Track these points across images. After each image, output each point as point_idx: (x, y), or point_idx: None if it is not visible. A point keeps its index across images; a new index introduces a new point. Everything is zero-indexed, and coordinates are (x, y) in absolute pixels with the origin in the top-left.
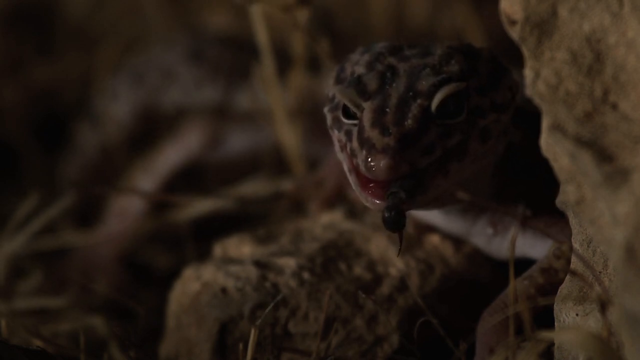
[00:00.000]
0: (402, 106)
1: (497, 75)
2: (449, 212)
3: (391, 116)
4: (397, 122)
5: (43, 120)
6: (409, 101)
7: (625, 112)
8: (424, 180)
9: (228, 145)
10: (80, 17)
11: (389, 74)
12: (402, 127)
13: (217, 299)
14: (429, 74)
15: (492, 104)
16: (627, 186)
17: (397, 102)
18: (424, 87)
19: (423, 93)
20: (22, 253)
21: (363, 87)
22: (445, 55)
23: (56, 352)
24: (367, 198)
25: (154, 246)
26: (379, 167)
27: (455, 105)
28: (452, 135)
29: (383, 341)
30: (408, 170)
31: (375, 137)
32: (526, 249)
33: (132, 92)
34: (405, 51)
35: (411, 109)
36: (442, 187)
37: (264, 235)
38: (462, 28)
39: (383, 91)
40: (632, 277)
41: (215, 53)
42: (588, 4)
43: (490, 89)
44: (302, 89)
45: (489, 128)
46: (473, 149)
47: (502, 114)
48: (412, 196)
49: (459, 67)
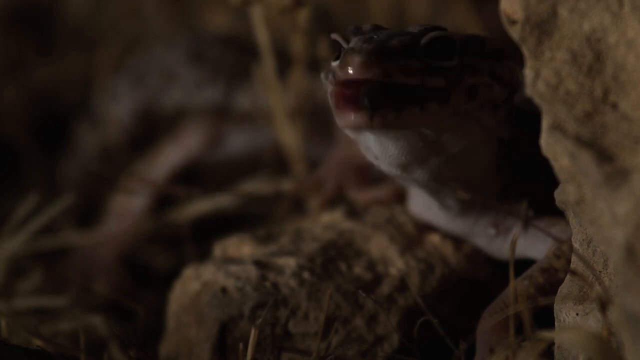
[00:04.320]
0: (390, 35)
1: (501, 54)
2: (449, 214)
3: (377, 38)
4: (381, 40)
5: (43, 121)
6: (399, 35)
7: (625, 112)
8: (400, 103)
9: (228, 145)
10: (80, 18)
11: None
12: (384, 42)
13: (217, 299)
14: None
15: (490, 70)
16: (627, 186)
17: (387, 34)
18: (416, 29)
19: (414, 33)
20: (22, 253)
21: (357, 28)
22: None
23: (56, 352)
24: (342, 114)
25: (154, 246)
26: (352, 63)
27: (446, 52)
28: (435, 75)
29: (383, 341)
30: (380, 76)
31: (356, 44)
32: (527, 250)
33: (132, 93)
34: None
35: (399, 37)
36: (417, 120)
37: (264, 235)
38: (462, 28)
39: (376, 32)
40: (632, 277)
41: (215, 54)
42: (588, 4)
43: (492, 58)
44: (302, 89)
45: (476, 87)
46: (455, 101)
47: (496, 84)
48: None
49: (460, 35)
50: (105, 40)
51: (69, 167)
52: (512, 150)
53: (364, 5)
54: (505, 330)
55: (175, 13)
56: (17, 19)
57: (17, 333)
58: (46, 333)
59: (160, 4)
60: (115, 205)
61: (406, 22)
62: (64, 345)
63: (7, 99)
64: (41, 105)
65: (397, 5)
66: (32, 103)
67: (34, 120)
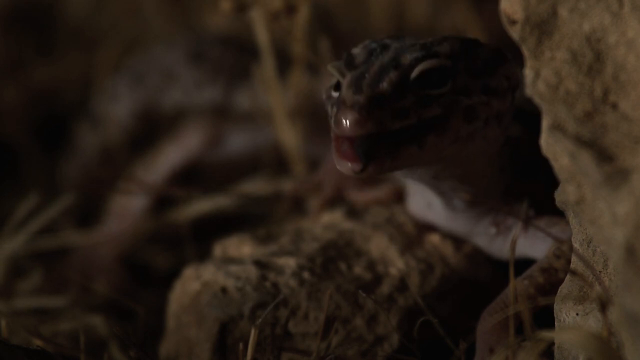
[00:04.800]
0: (380, 72)
1: (495, 63)
2: (451, 212)
3: (368, 80)
4: (371, 84)
5: (43, 121)
6: (389, 69)
7: (625, 112)
8: (396, 147)
9: (228, 145)
10: (80, 18)
11: (379, 49)
12: (375, 88)
13: (217, 299)
14: (415, 50)
15: (483, 86)
16: (627, 186)
17: (378, 69)
18: (407, 59)
19: (404, 64)
20: (22, 253)
21: (351, 60)
22: (441, 38)
23: (56, 352)
24: (340, 161)
25: (154, 246)
26: (346, 122)
27: (438, 79)
28: (430, 106)
29: (383, 341)
30: (375, 129)
31: (347, 96)
32: (527, 249)
33: (132, 93)
34: (406, 38)
35: (389, 75)
36: (416, 158)
37: (264, 235)
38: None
39: (368, 62)
40: (632, 277)
41: (215, 54)
42: (588, 4)
43: (483, 72)
44: (302, 89)
45: (474, 108)
46: (455, 127)
47: (493, 99)
48: (381, 158)
49: (449, 47)
50: (105, 40)
51: (69, 167)
52: (513, 150)
53: (364, 5)
54: (505, 330)
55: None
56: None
57: (17, 333)
58: (46, 333)
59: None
60: (115, 205)
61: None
62: (64, 345)
63: (7, 99)
64: (41, 105)
65: (397, 5)
66: (32, 103)
67: (34, 120)
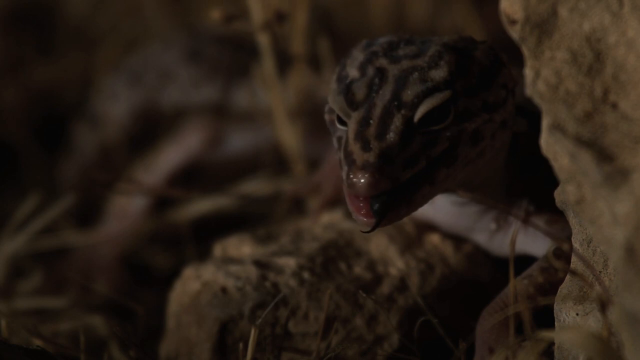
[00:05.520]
0: (385, 117)
1: (490, 73)
2: (453, 207)
3: (373, 129)
4: (378, 135)
5: (43, 121)
6: (392, 112)
7: (625, 112)
8: (409, 193)
9: (228, 144)
10: (80, 17)
11: (377, 79)
12: (383, 141)
13: (217, 299)
14: (415, 82)
15: (483, 103)
16: (627, 186)
17: (381, 112)
18: (409, 97)
19: (407, 104)
20: (22, 253)
21: (352, 97)
22: (436, 55)
23: (56, 352)
24: (356, 215)
25: (154, 246)
26: (359, 184)
27: (440, 113)
28: (437, 143)
29: (383, 341)
30: (389, 186)
31: (356, 152)
32: (527, 246)
33: (130, 92)
34: (400, 50)
35: (394, 120)
36: (429, 195)
37: (264, 235)
38: (462, 28)
39: (369, 100)
40: (632, 277)
41: (213, 52)
42: (588, 4)
43: (481, 88)
44: (302, 89)
45: (479, 130)
46: (463, 154)
47: (494, 113)
48: (396, 209)
49: (447, 70)
50: (105, 40)
51: (67, 167)
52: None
53: (364, 5)
54: (504, 330)
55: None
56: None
57: (17, 333)
58: (46, 333)
59: (160, 4)
60: (115, 205)
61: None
62: (64, 345)
63: (7, 99)
64: (41, 105)
65: (397, 5)
66: (32, 103)
67: (34, 120)
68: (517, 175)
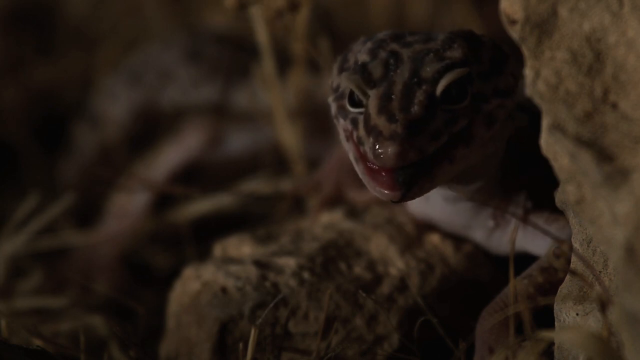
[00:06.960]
0: (407, 92)
1: (499, 61)
2: (451, 204)
3: (397, 103)
4: (403, 108)
5: (43, 121)
6: (414, 87)
7: (625, 112)
8: (431, 168)
9: (228, 144)
10: (80, 17)
11: (393, 60)
12: (408, 113)
13: (217, 299)
14: (432, 60)
15: (495, 89)
16: (627, 186)
17: (403, 88)
18: (428, 73)
19: (427, 79)
20: (22, 253)
21: (368, 75)
22: (448, 40)
23: (56, 352)
24: (376, 188)
25: (154, 246)
26: (387, 155)
27: (459, 91)
28: (457, 120)
29: (383, 341)
30: (416, 157)
31: (382, 125)
32: (526, 244)
33: (130, 92)
34: (408, 37)
35: (416, 95)
36: (449, 173)
37: (264, 235)
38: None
39: (388, 78)
40: (632, 277)
41: (212, 52)
42: (588, 4)
43: (493, 74)
44: (302, 89)
45: (493, 113)
46: (479, 134)
47: (505, 99)
48: (420, 182)
49: (461, 51)
50: (105, 40)
51: (68, 167)
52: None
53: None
54: (504, 330)
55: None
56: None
57: (17, 333)
58: (46, 333)
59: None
60: (115, 205)
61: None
62: (64, 345)
63: (7, 99)
64: (41, 105)
65: (397, 5)
66: (32, 103)
67: (34, 120)
68: (515, 171)
